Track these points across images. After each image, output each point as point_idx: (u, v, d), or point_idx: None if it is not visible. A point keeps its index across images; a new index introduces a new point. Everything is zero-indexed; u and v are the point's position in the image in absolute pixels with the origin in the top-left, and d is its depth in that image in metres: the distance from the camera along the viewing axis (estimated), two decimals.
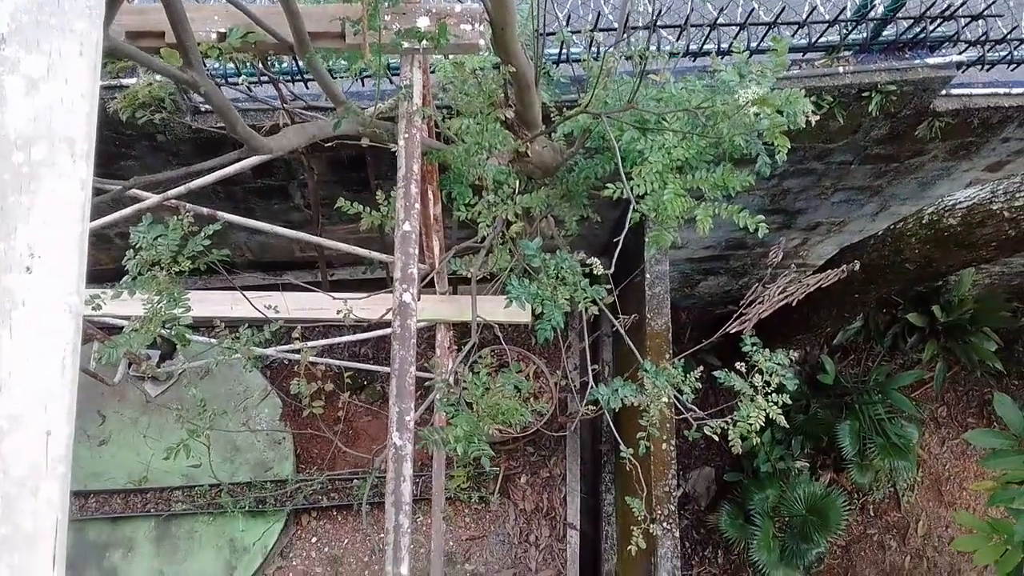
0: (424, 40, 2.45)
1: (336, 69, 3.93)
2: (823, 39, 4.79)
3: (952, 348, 7.82)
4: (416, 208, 2.17)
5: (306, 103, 3.74)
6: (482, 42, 2.66)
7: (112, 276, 3.37)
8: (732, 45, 4.31)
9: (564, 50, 4.50)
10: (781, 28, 4.74)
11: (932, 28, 4.79)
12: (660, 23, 4.64)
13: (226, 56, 2.30)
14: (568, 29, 4.03)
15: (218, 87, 2.37)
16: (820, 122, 4.96)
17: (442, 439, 2.57)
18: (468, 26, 2.62)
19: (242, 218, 3.69)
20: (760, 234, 3.35)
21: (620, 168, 2.99)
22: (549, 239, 4.29)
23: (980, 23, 4.79)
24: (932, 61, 4.87)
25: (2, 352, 1.12)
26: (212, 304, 4.38)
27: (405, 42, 2.51)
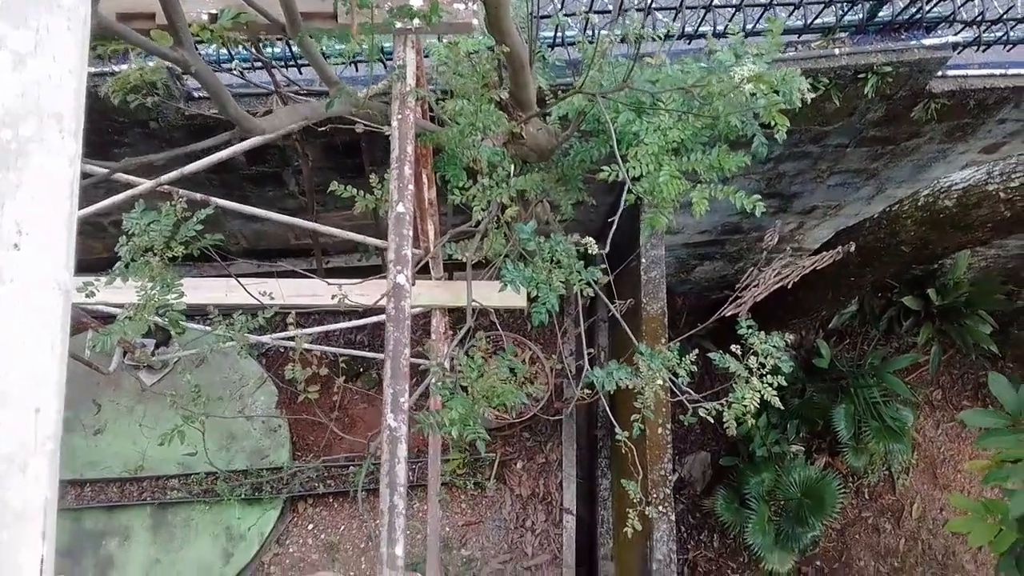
0: (416, 19, 2.43)
1: (330, 54, 3.91)
2: (819, 20, 4.77)
3: (947, 331, 7.83)
4: (410, 189, 2.15)
5: (300, 87, 3.71)
6: (475, 22, 2.64)
7: (106, 265, 3.35)
8: (728, 27, 4.30)
9: (559, 33, 4.48)
10: (777, 9, 4.72)
11: (928, 8, 4.77)
12: (655, 5, 4.62)
13: (217, 37, 2.28)
14: (563, 12, 4.01)
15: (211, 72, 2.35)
16: (816, 104, 4.97)
17: (437, 422, 2.56)
18: (461, 5, 2.59)
19: (235, 203, 3.67)
20: (757, 213, 3.33)
21: (615, 149, 2.97)
22: (544, 224, 4.28)
23: (976, 3, 4.77)
24: (928, 42, 4.85)
25: None
26: (206, 291, 4.36)
27: (398, 21, 2.49)
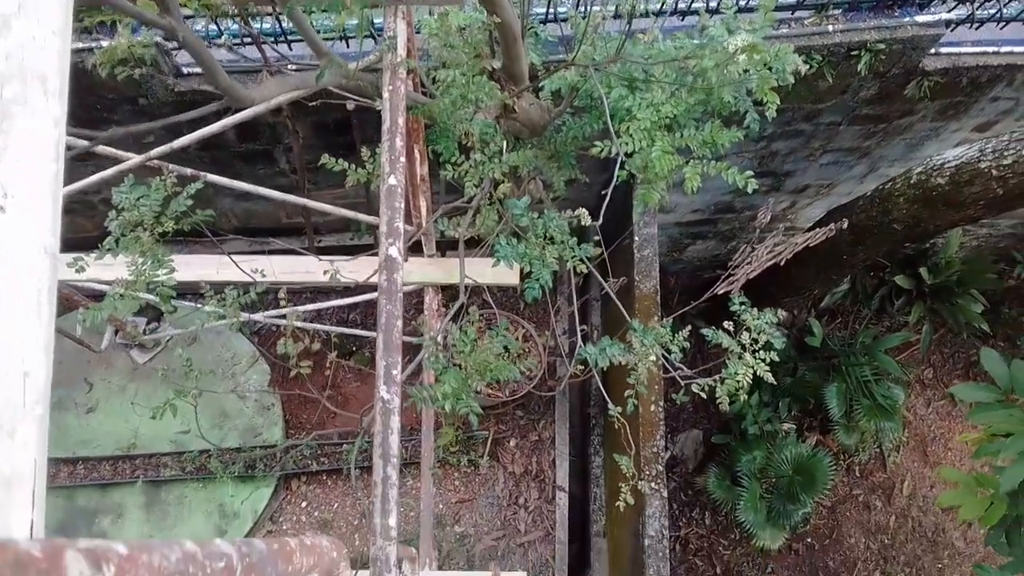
0: None
1: (320, 29, 3.87)
2: None
3: (939, 310, 7.87)
4: (402, 161, 2.14)
5: (290, 62, 3.68)
6: None
7: (96, 243, 3.33)
8: (721, 3, 4.27)
9: (551, 9, 4.45)
10: None
11: None
12: None
13: (204, 6, 2.25)
14: None
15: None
16: (809, 82, 4.96)
17: (430, 396, 2.56)
18: None
19: (225, 179, 3.64)
20: (749, 190, 3.33)
21: (609, 123, 2.96)
22: (537, 202, 4.27)
23: None
24: (921, 19, 4.84)
25: None
26: (197, 268, 4.35)
27: None
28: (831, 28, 4.82)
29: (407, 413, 5.77)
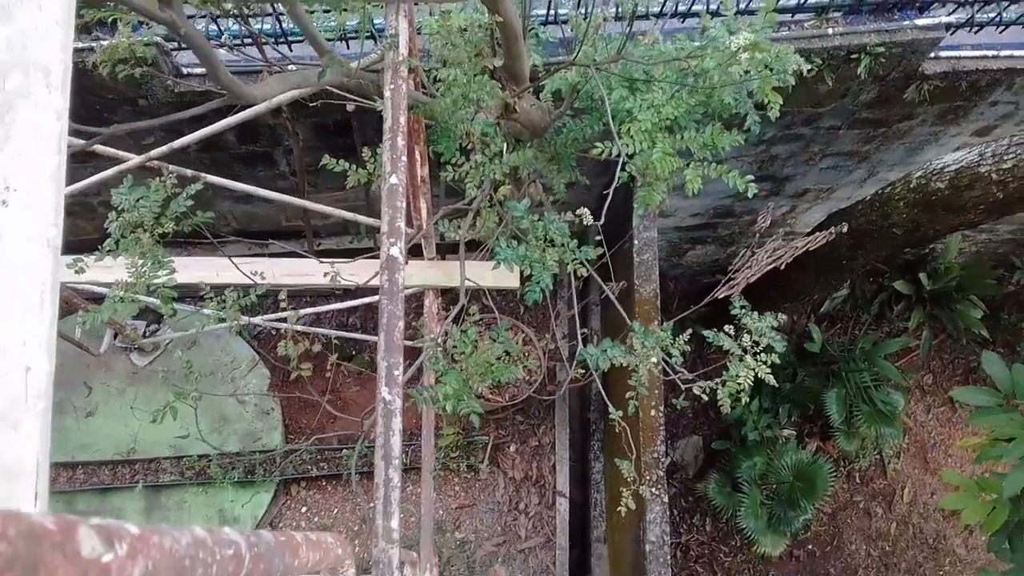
0: None
1: (322, 30, 3.87)
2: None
3: (938, 316, 7.86)
4: (403, 160, 2.13)
5: (291, 61, 3.67)
6: None
7: (96, 246, 3.32)
8: (721, 5, 4.27)
9: (552, 10, 4.45)
10: None
11: None
12: None
13: (204, 2, 2.25)
14: None
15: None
16: (809, 85, 4.96)
17: (431, 397, 2.55)
18: None
19: (224, 180, 3.64)
20: (750, 194, 3.33)
21: (611, 121, 2.95)
22: (537, 205, 4.26)
23: None
24: (921, 22, 4.84)
25: None
26: (197, 270, 4.33)
27: None
28: (831, 31, 4.82)
29: (407, 418, 5.75)
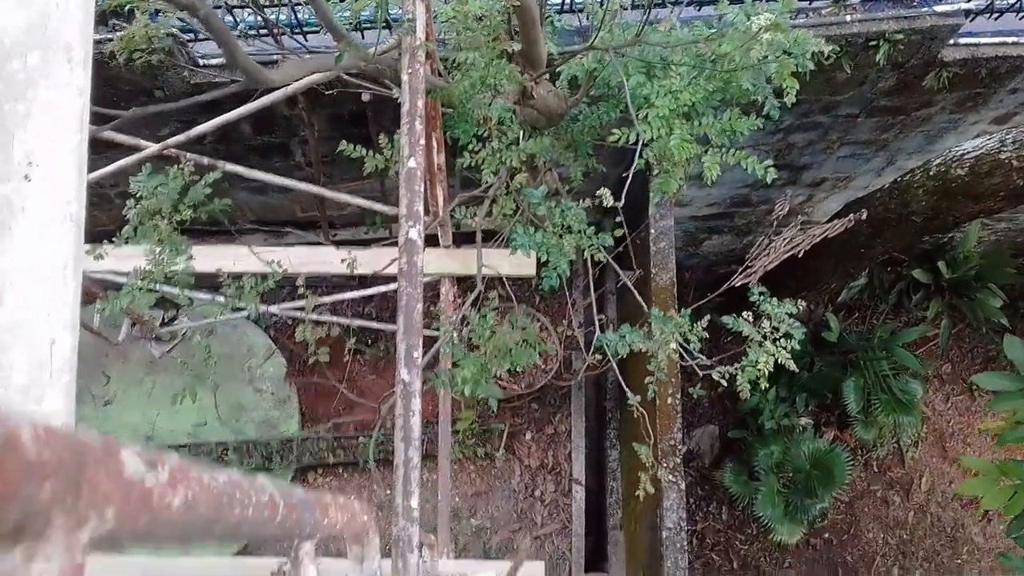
0: None
1: (338, 20, 3.88)
2: None
3: (957, 305, 7.80)
4: (421, 144, 2.13)
5: (307, 50, 3.68)
6: None
7: (113, 237, 3.35)
8: None
9: None
10: None
11: None
12: None
13: None
14: None
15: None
16: (826, 73, 4.92)
17: (449, 380, 2.56)
18: None
19: (242, 168, 3.65)
20: (768, 180, 3.31)
21: (629, 103, 2.94)
22: (554, 193, 4.26)
23: None
24: (940, 9, 4.79)
25: (3, 260, 1.09)
26: (214, 259, 4.35)
27: None
28: (849, 18, 4.78)
29: (423, 404, 5.75)
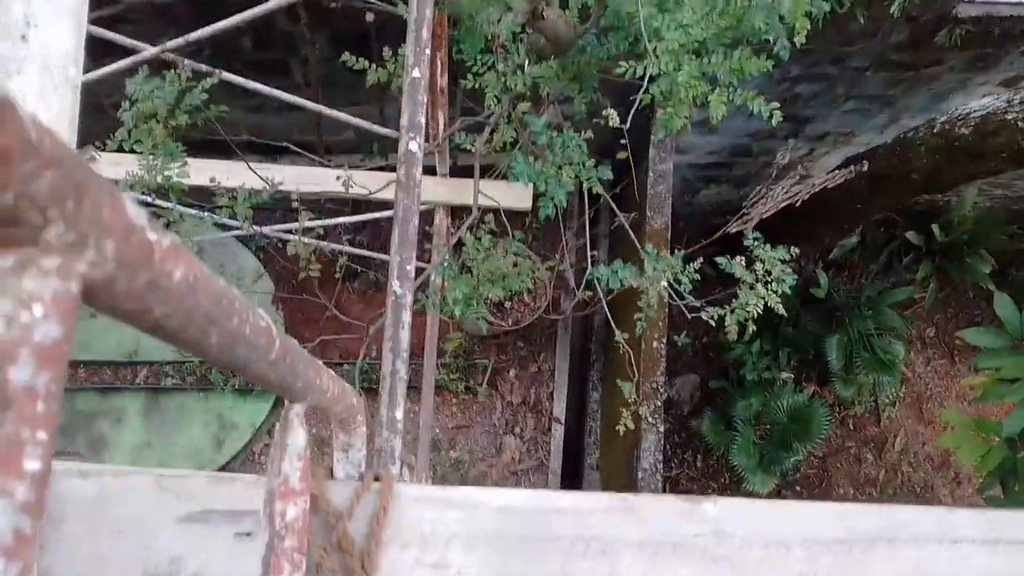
0: None
1: None
2: None
3: (946, 269, 7.82)
4: (427, 53, 2.08)
5: None
6: None
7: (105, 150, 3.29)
8: None
9: None
10: None
11: None
12: None
13: None
14: None
15: None
16: (839, 23, 4.84)
17: (440, 301, 2.54)
18: None
19: (239, 78, 3.58)
20: (774, 122, 3.28)
21: (642, 29, 2.88)
22: (556, 127, 4.21)
23: None
24: None
25: None
26: (208, 172, 4.29)
27: None
28: None
29: (411, 332, 5.75)
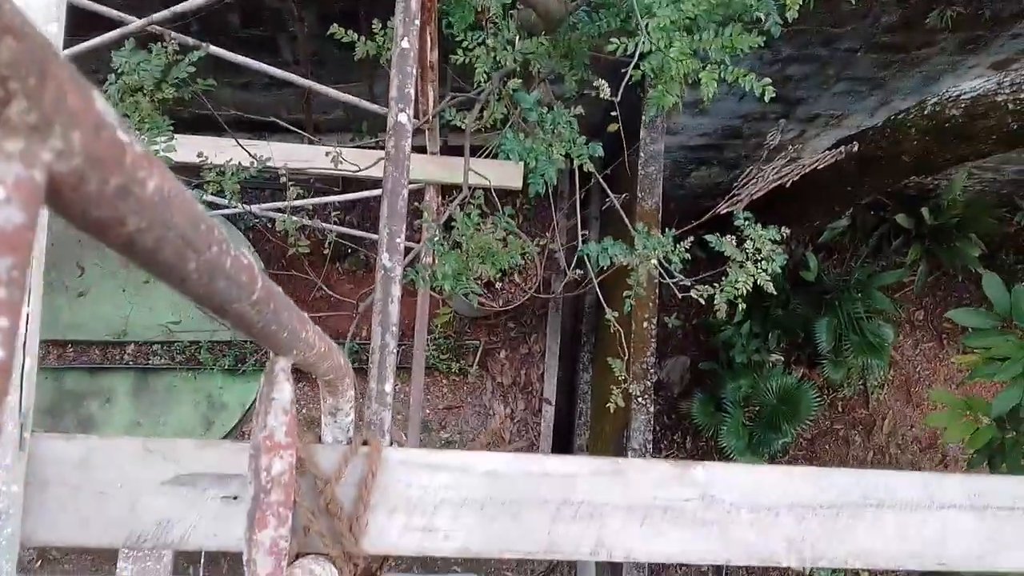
0: None
1: None
2: None
3: (936, 252, 7.85)
4: (416, 24, 2.06)
5: None
6: None
7: None
8: None
9: None
10: None
11: None
12: None
13: None
14: None
15: None
16: (831, 3, 4.83)
17: (430, 276, 2.53)
18: None
19: (226, 52, 3.55)
20: (767, 98, 3.27)
21: (635, 3, 2.87)
22: (547, 104, 4.19)
23: None
24: None
25: None
26: (196, 148, 4.25)
27: None
28: None
29: (400, 313, 5.74)
